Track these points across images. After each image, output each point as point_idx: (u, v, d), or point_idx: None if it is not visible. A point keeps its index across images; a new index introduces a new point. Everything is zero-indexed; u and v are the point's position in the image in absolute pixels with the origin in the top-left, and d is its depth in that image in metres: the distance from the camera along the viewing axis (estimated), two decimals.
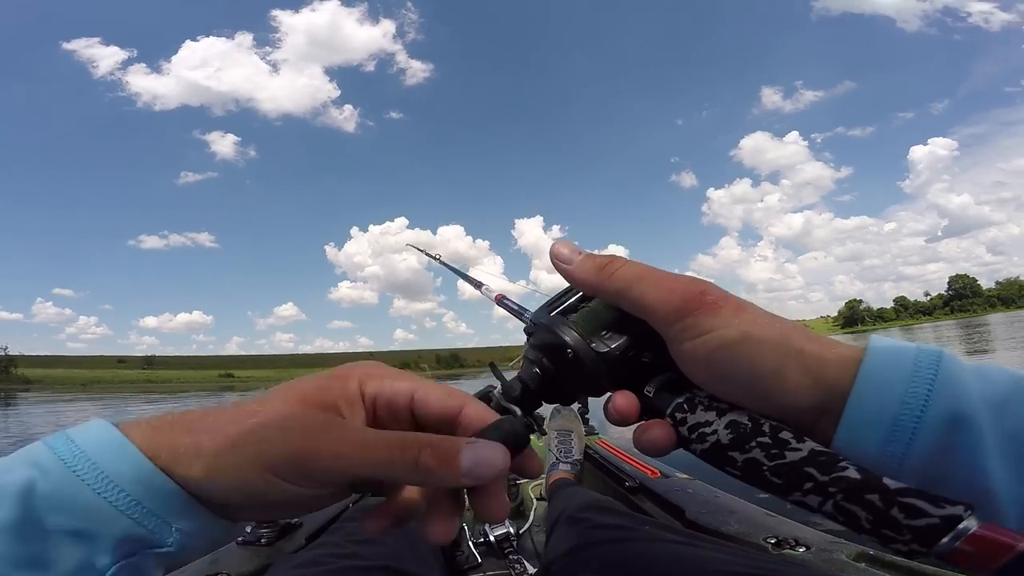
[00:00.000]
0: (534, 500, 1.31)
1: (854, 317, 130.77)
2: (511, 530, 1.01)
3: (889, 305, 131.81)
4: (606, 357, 0.28)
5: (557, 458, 1.31)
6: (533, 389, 0.29)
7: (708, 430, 0.25)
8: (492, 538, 0.99)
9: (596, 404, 1.02)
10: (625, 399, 0.28)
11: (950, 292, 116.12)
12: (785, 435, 0.24)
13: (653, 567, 0.50)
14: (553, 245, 0.31)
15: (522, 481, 1.40)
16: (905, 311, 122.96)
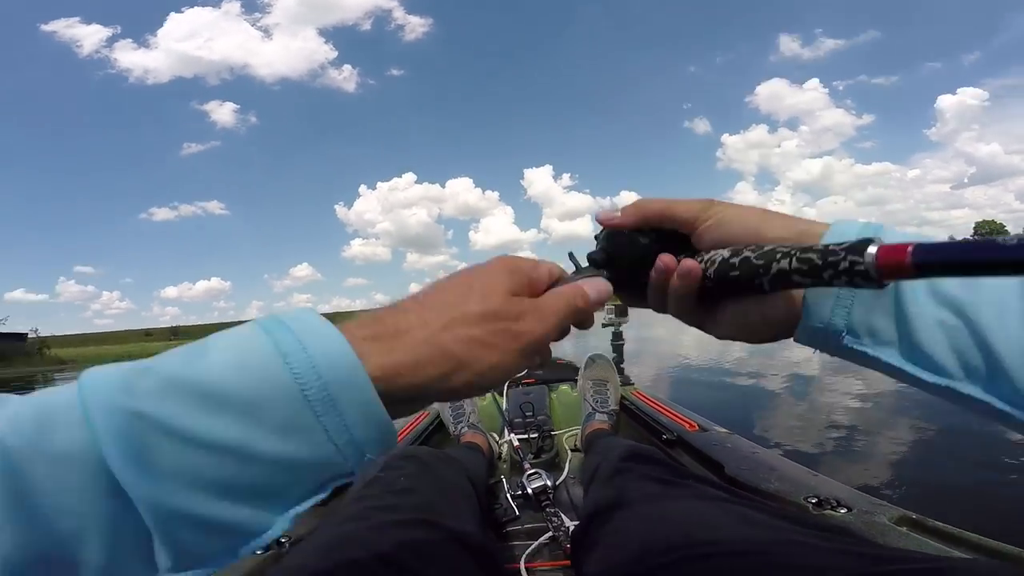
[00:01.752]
0: (568, 451, 1.28)
1: None
2: (548, 483, 0.99)
3: None
4: (650, 236, 0.38)
5: (593, 408, 1.28)
6: (602, 262, 0.38)
7: (718, 257, 0.33)
8: (530, 490, 0.97)
9: (631, 353, 1.44)
10: (668, 256, 0.35)
11: (976, 237, 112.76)
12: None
13: (701, 526, 0.48)
14: (597, 214, 0.39)
15: (556, 432, 1.37)
16: None
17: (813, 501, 0.73)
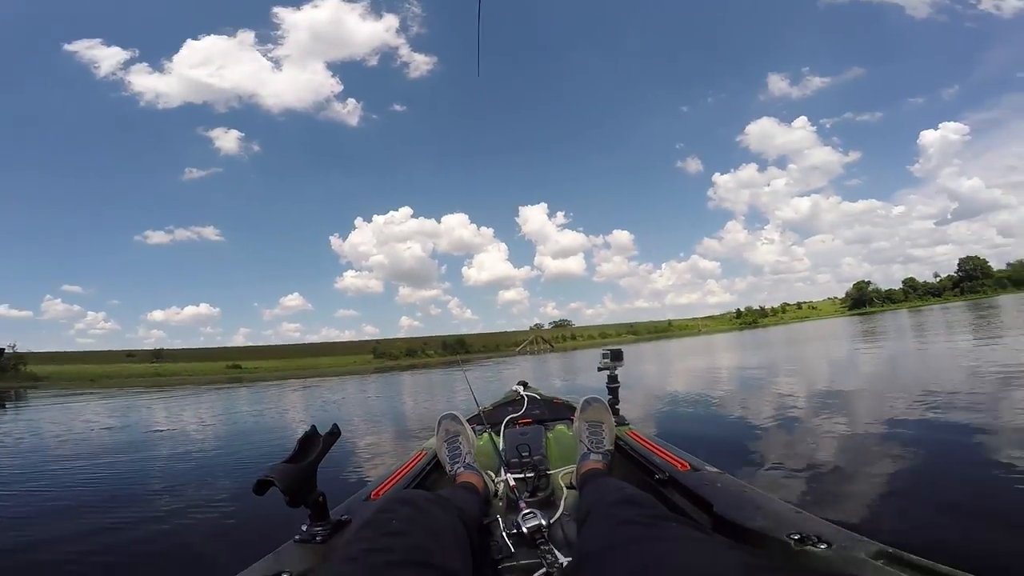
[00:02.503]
0: (564, 489, 1.30)
1: (862, 298, 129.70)
2: (543, 522, 1.01)
3: (898, 286, 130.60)
4: None
5: (588, 448, 1.31)
6: None
7: None
8: (524, 529, 0.99)
9: (625, 397, 1.34)
10: None
11: (960, 273, 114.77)
12: None
13: (680, 567, 0.53)
14: None
15: (552, 471, 1.39)
16: (914, 292, 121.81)
17: (796, 538, 0.75)
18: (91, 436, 7.22)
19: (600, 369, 1.83)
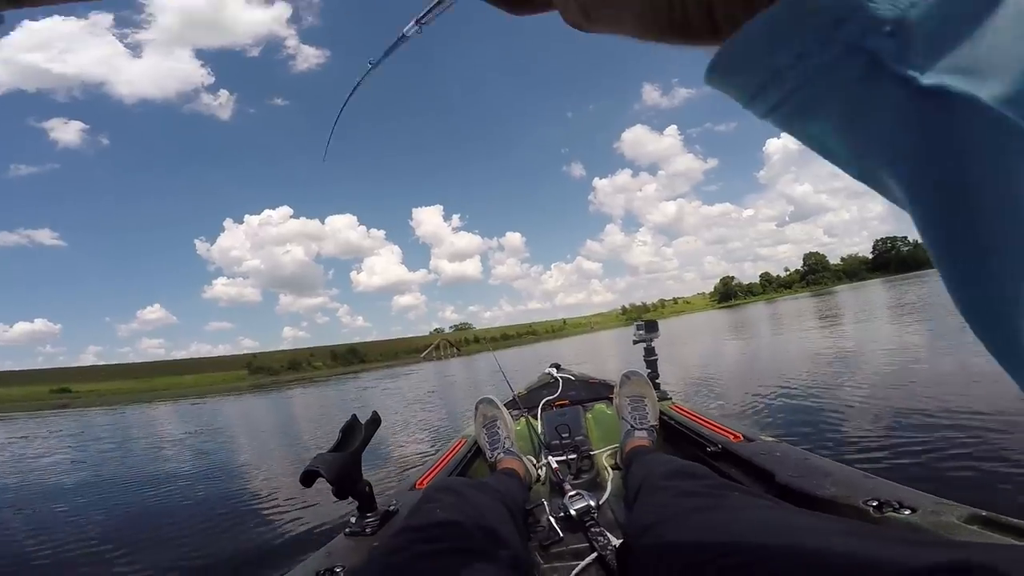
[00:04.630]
0: (609, 470, 1.26)
1: (728, 292, 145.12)
2: (591, 503, 0.99)
3: (756, 280, 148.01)
4: None
5: (632, 425, 1.26)
6: None
7: None
8: (572, 511, 0.97)
9: (665, 370, 1.52)
10: None
11: (805, 268, 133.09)
12: None
13: (743, 535, 0.48)
14: None
15: (595, 452, 1.37)
16: (770, 285, 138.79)
17: (873, 504, 0.69)
18: None
19: (635, 342, 1.75)
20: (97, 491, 4.53)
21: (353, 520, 0.95)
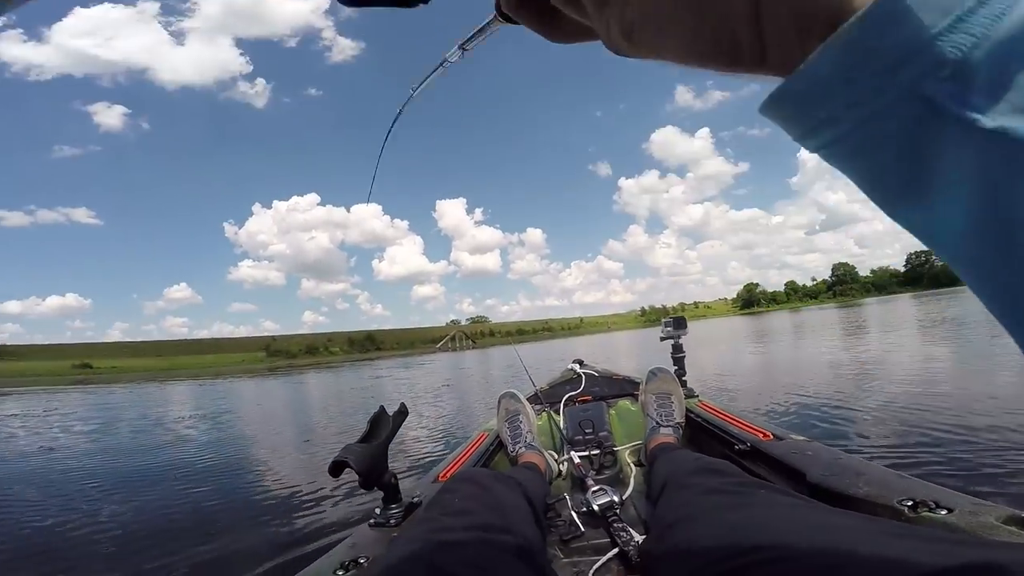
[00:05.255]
0: (632, 467, 1.24)
1: (751, 299, 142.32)
2: (615, 498, 0.98)
3: (780, 289, 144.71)
4: None
5: (657, 422, 1.25)
6: None
7: None
8: (595, 507, 0.97)
9: (692, 367, 1.49)
10: None
11: (833, 278, 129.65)
12: None
13: (771, 533, 0.47)
14: None
15: (618, 448, 1.35)
16: (795, 294, 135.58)
17: (908, 504, 0.68)
18: None
19: (663, 339, 1.72)
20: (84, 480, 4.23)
21: (377, 511, 0.96)
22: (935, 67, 0.14)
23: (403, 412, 0.98)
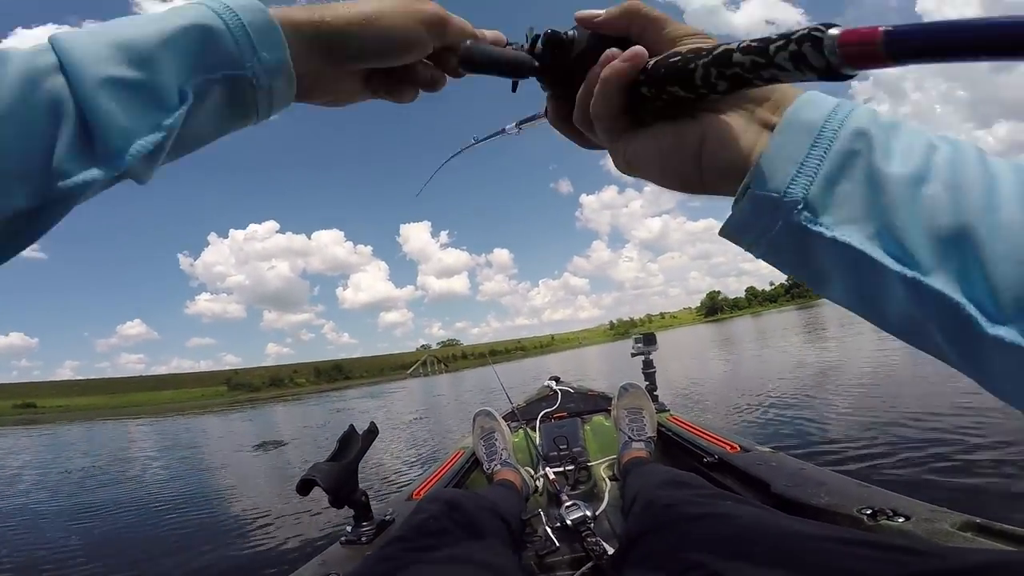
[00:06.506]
0: (607, 481, 1.26)
1: (715, 307, 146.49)
2: (587, 513, 0.99)
3: (741, 295, 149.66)
4: (589, 37, 0.33)
5: (629, 436, 1.28)
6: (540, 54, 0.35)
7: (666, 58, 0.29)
8: (568, 521, 0.97)
9: (663, 382, 1.56)
10: (617, 50, 0.30)
11: (789, 281, 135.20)
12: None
13: (735, 540, 0.50)
14: (577, 13, 0.34)
15: (592, 463, 1.37)
16: (755, 299, 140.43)
17: (867, 512, 0.70)
18: None
19: (634, 355, 1.76)
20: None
21: (349, 529, 0.96)
22: (793, 205, 0.23)
23: (373, 431, 0.98)
